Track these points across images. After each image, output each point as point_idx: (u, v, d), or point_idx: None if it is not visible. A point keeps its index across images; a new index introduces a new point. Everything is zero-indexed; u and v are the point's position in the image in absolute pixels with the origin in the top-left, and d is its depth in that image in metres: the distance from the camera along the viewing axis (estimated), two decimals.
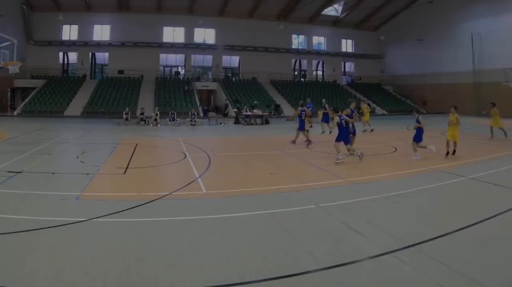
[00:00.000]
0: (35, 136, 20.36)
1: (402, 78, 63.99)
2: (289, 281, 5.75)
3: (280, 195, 10.61)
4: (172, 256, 6.53)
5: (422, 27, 57.69)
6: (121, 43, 56.16)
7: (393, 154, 18.06)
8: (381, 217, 8.71)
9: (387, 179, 12.70)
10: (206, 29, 59.95)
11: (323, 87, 60.61)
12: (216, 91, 56.22)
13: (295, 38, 64.68)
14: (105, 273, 5.82)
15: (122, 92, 49.95)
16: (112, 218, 8.41)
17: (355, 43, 67.49)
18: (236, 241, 7.25)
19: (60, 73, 56.72)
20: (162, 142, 19.32)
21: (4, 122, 34.94)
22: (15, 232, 7.46)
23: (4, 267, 5.95)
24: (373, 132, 27.74)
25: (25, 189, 10.72)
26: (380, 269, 6.15)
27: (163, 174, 14.17)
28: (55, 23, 53.60)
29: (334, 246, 7.04)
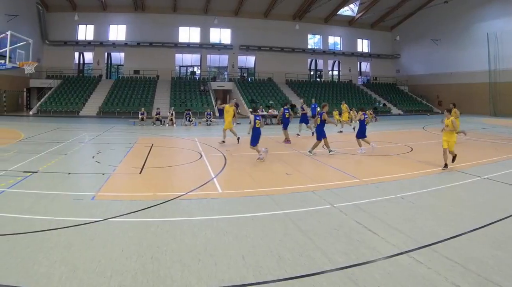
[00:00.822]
0: (51, 136, 20.50)
1: (417, 78, 63.81)
2: (305, 281, 5.75)
3: (296, 195, 10.56)
4: (187, 256, 6.54)
5: (437, 27, 57.55)
6: (137, 43, 56.36)
7: (409, 153, 17.95)
8: (396, 217, 8.69)
9: (402, 179, 12.67)
10: (222, 29, 59.99)
11: (338, 87, 60.65)
12: (231, 91, 56.14)
13: (311, 38, 64.53)
14: (120, 273, 5.85)
15: (138, 92, 50.07)
16: (127, 218, 8.44)
17: (370, 43, 67.30)
18: (251, 241, 7.25)
19: (76, 73, 57.02)
20: (177, 143, 19.36)
21: (20, 122, 35.23)
22: (30, 232, 7.49)
23: (20, 267, 5.98)
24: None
25: (40, 189, 10.78)
26: (395, 269, 6.13)
27: (179, 174, 14.14)
28: (70, 23, 53.81)
29: (349, 246, 7.03)
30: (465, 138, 18.68)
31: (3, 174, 12.39)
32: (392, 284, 5.66)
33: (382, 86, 64.29)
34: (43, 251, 6.58)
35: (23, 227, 7.72)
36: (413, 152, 18.29)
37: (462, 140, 18.80)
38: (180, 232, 7.67)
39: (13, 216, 8.32)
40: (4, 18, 41.10)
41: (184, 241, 7.20)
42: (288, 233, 7.67)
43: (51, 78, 52.26)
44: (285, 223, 8.29)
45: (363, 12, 60.22)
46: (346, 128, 30.27)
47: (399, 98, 59.85)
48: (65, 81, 51.82)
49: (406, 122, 38.71)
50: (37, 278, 5.64)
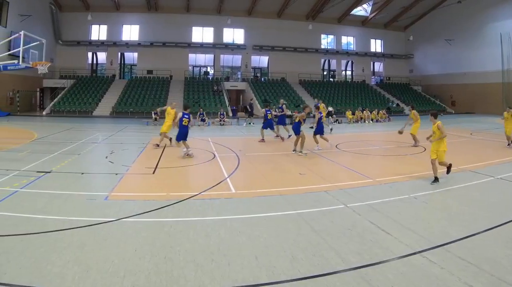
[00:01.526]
0: (64, 136, 20.62)
1: (430, 78, 63.62)
2: (318, 281, 5.75)
3: (309, 195, 10.55)
4: (201, 256, 6.54)
5: (450, 27, 57.38)
6: (150, 43, 56.56)
7: (422, 153, 17.87)
8: (410, 217, 8.67)
9: (415, 179, 12.62)
10: (235, 29, 60.08)
11: (352, 88, 60.56)
12: (245, 91, 56.26)
13: (324, 38, 64.47)
14: (133, 273, 5.86)
15: (151, 92, 50.26)
16: (141, 218, 8.46)
17: (384, 43, 67.14)
18: (265, 241, 7.24)
19: (89, 73, 57.33)
20: (191, 143, 19.33)
21: (33, 122, 35.40)
22: (44, 232, 7.51)
23: (33, 266, 6.00)
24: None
25: (54, 189, 10.81)
26: (408, 269, 6.12)
27: (192, 174, 14.17)
28: (83, 23, 54.09)
29: (363, 246, 7.02)
30: (478, 138, 18.54)
31: (17, 174, 12.43)
32: (405, 284, 5.66)
33: (396, 86, 64.16)
34: (57, 251, 6.60)
35: (36, 227, 7.74)
36: (426, 152, 18.12)
37: (476, 140, 18.66)
38: (194, 232, 7.67)
39: (26, 216, 8.34)
40: (18, 18, 41.47)
41: (197, 241, 7.20)
42: (301, 233, 7.66)
43: (64, 78, 52.56)
44: (298, 223, 8.27)
45: (377, 12, 60.09)
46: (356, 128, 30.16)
47: (412, 98, 59.53)
48: (78, 81, 52.12)
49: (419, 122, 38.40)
50: (51, 278, 5.66)
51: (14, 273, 5.77)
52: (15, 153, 16.82)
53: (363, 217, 8.66)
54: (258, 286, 5.64)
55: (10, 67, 17.50)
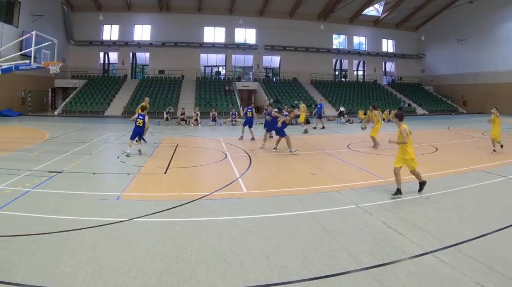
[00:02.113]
0: (76, 136, 20.70)
1: (442, 78, 63.43)
2: (329, 281, 5.75)
3: (321, 195, 10.55)
4: (212, 256, 6.54)
5: (462, 27, 57.25)
6: (162, 43, 56.74)
7: (434, 154, 17.80)
8: (421, 217, 8.68)
9: (427, 179, 12.48)
10: (247, 29, 60.19)
11: (363, 88, 60.53)
12: (256, 91, 56.30)
13: (336, 38, 64.44)
14: (145, 273, 5.86)
15: (163, 92, 50.38)
16: (152, 218, 8.46)
17: (395, 43, 67.00)
18: (276, 241, 7.24)
19: (101, 73, 57.63)
20: (202, 143, 19.41)
21: (45, 122, 35.57)
22: (55, 232, 7.54)
23: (45, 266, 6.02)
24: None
25: (65, 189, 10.84)
26: (420, 269, 6.11)
27: (204, 174, 14.16)
28: (95, 23, 54.40)
29: (374, 246, 7.02)
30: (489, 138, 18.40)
31: (28, 174, 12.48)
32: (417, 284, 5.64)
33: (407, 86, 64.07)
34: (68, 251, 6.61)
35: (48, 227, 7.76)
36: (438, 152, 18.16)
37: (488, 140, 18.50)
38: (205, 232, 7.67)
39: (38, 216, 8.37)
40: (29, 18, 41.65)
41: (209, 241, 7.20)
42: (313, 233, 7.66)
43: (76, 78, 52.82)
44: (310, 223, 8.27)
45: (388, 12, 59.92)
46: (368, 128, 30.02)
47: (424, 98, 59.58)
48: (90, 81, 52.35)
49: (431, 122, 38.41)
50: (62, 278, 5.67)
51: (26, 273, 5.78)
52: (27, 153, 16.90)
53: (375, 217, 8.65)
54: (269, 286, 5.63)
55: (22, 67, 17.55)
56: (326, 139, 22.53)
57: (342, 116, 38.12)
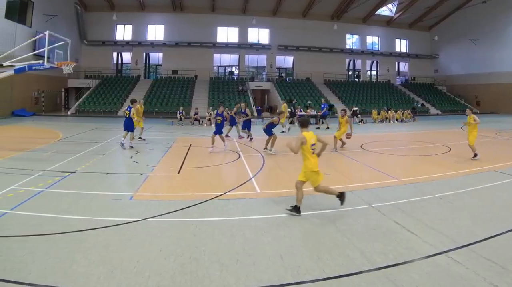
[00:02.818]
0: (89, 136, 20.78)
1: (455, 78, 63.10)
2: (343, 281, 5.75)
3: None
4: (226, 256, 6.55)
5: (475, 27, 57.00)
6: (175, 43, 56.79)
7: (447, 154, 17.74)
8: (434, 217, 8.64)
9: (440, 179, 12.57)
10: (260, 29, 60.10)
11: (377, 88, 60.31)
12: (270, 91, 56.29)
13: (349, 38, 64.22)
14: (159, 273, 5.87)
15: (176, 92, 50.41)
16: (166, 218, 8.47)
17: (409, 43, 66.68)
18: (289, 241, 7.25)
19: (114, 73, 57.79)
20: (216, 143, 19.35)
21: (58, 122, 35.74)
22: (68, 232, 7.56)
23: (58, 266, 6.04)
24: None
25: (78, 189, 10.88)
26: (433, 269, 6.11)
27: (217, 174, 14.15)
28: (109, 23, 54.57)
29: (388, 246, 7.01)
30: (503, 138, 18.28)
31: (42, 174, 12.53)
32: (430, 284, 5.64)
33: (420, 86, 63.77)
34: (81, 251, 6.64)
35: (61, 227, 7.79)
36: (451, 152, 18.11)
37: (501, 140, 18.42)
38: (218, 232, 7.68)
39: (51, 216, 8.40)
40: (43, 18, 41.83)
41: (222, 241, 7.21)
42: (326, 233, 7.67)
43: (89, 78, 53.01)
44: (323, 222, 8.30)
45: (401, 12, 59.68)
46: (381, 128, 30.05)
47: (437, 98, 59.32)
48: (103, 81, 52.52)
49: (444, 122, 38.29)
50: (75, 278, 5.68)
51: (39, 273, 5.80)
52: (40, 152, 16.98)
53: (388, 217, 8.64)
54: (283, 286, 5.63)
55: (35, 67, 17.61)
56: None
57: (356, 116, 38.02)
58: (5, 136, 21.92)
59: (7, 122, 32.81)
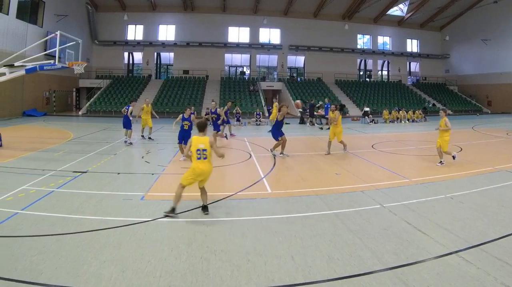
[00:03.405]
0: (100, 136, 20.82)
1: (466, 78, 62.89)
2: (354, 281, 5.75)
3: (345, 195, 10.56)
4: (237, 256, 6.56)
5: (487, 27, 56.81)
6: (186, 43, 56.88)
7: (458, 154, 17.56)
8: (446, 217, 8.63)
9: (452, 179, 12.57)
10: (271, 29, 60.06)
11: (388, 88, 60.15)
12: (281, 91, 56.22)
13: (360, 38, 64.10)
14: (170, 273, 5.89)
15: (187, 92, 50.39)
16: (177, 218, 8.50)
17: (420, 43, 66.46)
18: (301, 241, 7.23)
19: (125, 73, 58.00)
20: (227, 142, 19.38)
21: (70, 122, 35.86)
22: (79, 232, 7.59)
23: (69, 266, 6.06)
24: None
25: (90, 189, 10.93)
26: (444, 269, 6.11)
27: (228, 174, 14.14)
28: (120, 23, 54.80)
29: (399, 246, 7.02)
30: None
31: (53, 174, 12.59)
32: (442, 284, 5.65)
33: (432, 86, 63.58)
34: (93, 251, 6.66)
35: (72, 227, 7.82)
36: (462, 152, 18.02)
37: None
38: (230, 232, 7.69)
39: (62, 216, 8.44)
40: (54, 18, 42.12)
41: (233, 241, 7.23)
42: (337, 233, 7.66)
43: (100, 78, 53.21)
44: (335, 223, 8.27)
45: (413, 12, 59.54)
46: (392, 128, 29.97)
47: (448, 98, 59.10)
48: (115, 81, 52.68)
49: (456, 122, 37.90)
50: (87, 278, 5.70)
51: (50, 273, 5.82)
52: (51, 152, 17.06)
53: (399, 217, 8.64)
54: (294, 286, 5.63)
55: (47, 67, 17.68)
56: (351, 139, 22.36)
57: (367, 116, 37.94)
58: (16, 136, 21.99)
59: (19, 122, 32.98)
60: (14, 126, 28.84)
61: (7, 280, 5.60)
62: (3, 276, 5.68)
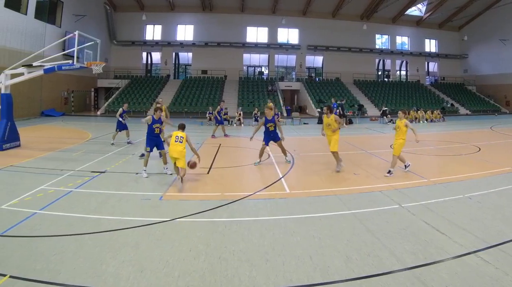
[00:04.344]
0: (118, 136, 20.87)
1: (485, 78, 62.58)
2: (372, 281, 5.75)
3: (363, 195, 10.57)
4: (255, 256, 6.57)
5: (505, 27, 56.47)
6: (205, 43, 57.02)
7: (476, 154, 17.57)
8: (464, 217, 8.62)
9: (470, 179, 12.53)
10: (290, 29, 59.98)
11: (406, 88, 59.93)
12: (299, 91, 56.20)
13: (379, 38, 63.91)
14: (188, 273, 5.90)
15: (206, 92, 50.44)
16: (195, 218, 8.52)
17: (438, 43, 66.13)
18: (319, 241, 7.23)
19: (144, 73, 58.29)
20: (245, 143, 19.35)
21: (88, 122, 36.10)
22: (98, 232, 7.63)
23: (87, 266, 6.09)
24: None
25: (108, 189, 10.99)
26: (462, 269, 6.11)
27: (247, 174, 14.14)
28: (138, 23, 54.99)
29: (417, 246, 7.01)
30: None
31: (71, 174, 12.68)
32: (460, 284, 5.65)
33: (450, 86, 63.26)
34: (111, 251, 6.69)
35: (90, 227, 7.86)
36: (480, 152, 17.97)
37: None
38: (248, 232, 7.71)
39: (80, 216, 8.49)
40: (72, 18, 42.45)
41: (251, 241, 7.23)
42: (355, 233, 7.66)
43: (118, 78, 53.49)
44: (353, 223, 8.27)
45: (431, 12, 59.30)
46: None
47: (466, 98, 58.83)
48: (133, 81, 52.89)
49: (474, 122, 38.02)
50: (105, 278, 5.73)
51: (69, 273, 5.85)
52: (69, 152, 17.17)
53: (418, 217, 8.63)
54: (312, 286, 5.63)
55: (65, 67, 17.77)
56: (369, 139, 22.30)
57: (385, 116, 37.83)
58: (35, 136, 22.16)
59: (37, 122, 33.26)
60: (32, 126, 29.07)
61: (26, 280, 5.63)
62: (22, 276, 5.71)
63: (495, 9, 56.37)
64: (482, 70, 63.03)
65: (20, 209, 8.82)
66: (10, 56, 30.73)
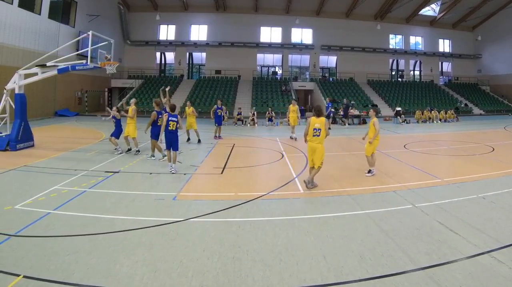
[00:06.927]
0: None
1: (499, 78, 62.14)
2: (386, 281, 5.76)
3: (377, 195, 10.57)
4: (269, 256, 6.57)
5: None
6: (218, 43, 56.92)
7: (490, 154, 17.50)
8: (478, 217, 8.62)
9: (484, 179, 12.51)
10: (303, 29, 59.75)
11: (420, 88, 59.58)
12: (313, 91, 55.97)
13: (392, 38, 63.59)
14: (202, 273, 5.91)
15: (219, 92, 50.29)
16: (209, 218, 8.53)
17: (452, 43, 65.75)
18: (333, 241, 7.24)
19: (157, 73, 58.27)
20: (259, 143, 19.37)
21: (101, 122, 36.21)
22: (112, 232, 7.66)
23: (101, 266, 6.11)
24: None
25: (122, 189, 11.02)
26: (476, 269, 6.11)
27: (260, 174, 14.12)
28: (152, 23, 54.96)
29: (431, 246, 7.01)
30: None
31: (85, 174, 12.72)
32: (474, 284, 5.65)
33: (464, 86, 62.91)
34: (125, 251, 6.72)
35: (104, 227, 7.89)
36: (494, 152, 17.95)
37: None
38: (262, 232, 7.71)
39: (94, 216, 8.52)
40: (86, 18, 42.55)
41: (265, 241, 7.24)
42: (369, 233, 7.67)
43: (132, 78, 53.49)
44: (367, 223, 8.27)
45: (445, 12, 58.95)
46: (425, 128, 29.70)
47: (480, 98, 58.49)
48: (147, 81, 52.84)
49: (488, 122, 37.89)
50: (119, 278, 5.75)
51: (83, 273, 5.87)
52: (83, 152, 17.26)
53: (431, 217, 8.64)
54: (326, 286, 5.64)
55: (79, 67, 17.83)
56: (383, 139, 22.11)
57: (399, 116, 37.68)
58: (48, 136, 22.27)
59: (51, 122, 33.41)
60: (46, 126, 29.21)
61: (40, 280, 5.65)
62: (36, 276, 5.74)
63: (509, 9, 55.95)
64: (496, 70, 62.66)
65: (34, 209, 8.86)
66: (23, 56, 30.86)
